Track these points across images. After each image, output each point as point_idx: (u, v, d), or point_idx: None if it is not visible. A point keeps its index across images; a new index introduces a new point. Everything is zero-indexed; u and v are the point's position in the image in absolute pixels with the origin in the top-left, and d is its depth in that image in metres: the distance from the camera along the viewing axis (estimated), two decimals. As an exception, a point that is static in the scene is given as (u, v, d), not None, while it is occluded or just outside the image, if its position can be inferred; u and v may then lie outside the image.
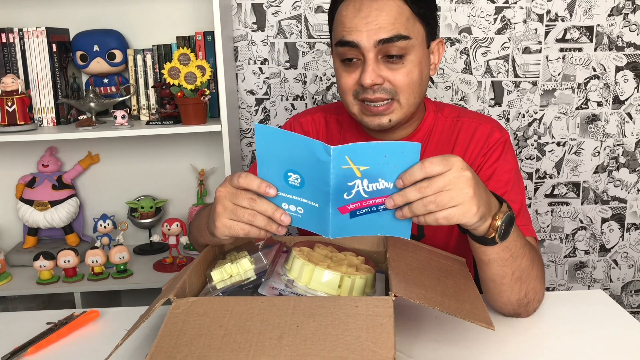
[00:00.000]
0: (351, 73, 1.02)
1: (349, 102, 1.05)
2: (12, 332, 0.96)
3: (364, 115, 1.04)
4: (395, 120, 1.03)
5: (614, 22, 2.00)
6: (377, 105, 1.01)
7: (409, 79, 1.00)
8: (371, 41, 0.97)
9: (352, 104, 1.05)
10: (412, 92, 1.02)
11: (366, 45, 0.98)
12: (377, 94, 1.00)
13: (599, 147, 2.11)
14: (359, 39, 0.98)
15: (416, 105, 1.05)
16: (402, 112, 1.03)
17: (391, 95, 1.01)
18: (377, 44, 0.97)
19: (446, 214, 0.74)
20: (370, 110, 1.02)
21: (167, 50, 1.86)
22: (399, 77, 1.00)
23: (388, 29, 0.97)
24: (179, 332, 0.70)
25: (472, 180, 0.75)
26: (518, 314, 0.96)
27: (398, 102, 1.02)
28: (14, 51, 1.78)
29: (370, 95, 1.00)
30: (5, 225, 2.02)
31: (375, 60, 0.99)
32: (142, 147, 2.00)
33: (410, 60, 1.00)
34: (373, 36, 0.97)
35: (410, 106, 1.03)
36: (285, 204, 0.78)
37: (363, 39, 0.98)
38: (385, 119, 1.03)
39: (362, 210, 0.76)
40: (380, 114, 1.02)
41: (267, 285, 0.84)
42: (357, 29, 0.98)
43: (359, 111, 1.05)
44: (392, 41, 0.97)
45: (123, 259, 1.74)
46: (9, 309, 1.88)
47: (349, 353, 0.65)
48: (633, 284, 2.24)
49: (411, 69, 1.00)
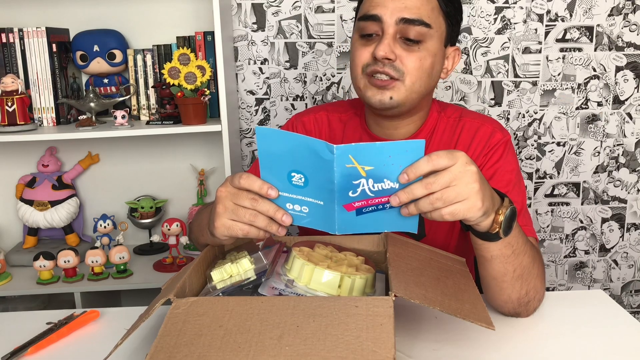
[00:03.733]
0: (367, 47, 1.03)
1: (357, 76, 1.06)
2: (12, 332, 0.96)
3: (367, 89, 1.04)
4: (397, 100, 1.03)
5: (614, 22, 2.00)
6: (382, 78, 1.02)
7: (420, 64, 1.01)
8: (394, 17, 1.00)
9: (359, 77, 1.05)
10: (419, 78, 1.02)
11: (388, 20, 1.00)
12: (386, 68, 1.01)
13: (599, 147, 2.11)
14: (382, 12, 1.01)
15: (420, 95, 1.05)
16: (405, 94, 1.02)
17: (398, 75, 1.01)
18: (398, 21, 1.00)
19: (451, 210, 0.74)
20: (374, 83, 1.03)
21: (167, 50, 1.86)
22: (411, 59, 1.01)
23: (412, 11, 1.00)
24: (179, 332, 0.70)
25: (477, 175, 0.75)
26: (518, 314, 0.96)
27: (403, 82, 1.02)
28: (14, 51, 1.78)
29: (379, 67, 1.01)
30: (5, 225, 2.02)
31: (393, 37, 1.01)
32: (142, 147, 2.00)
33: (426, 47, 1.02)
34: (397, 13, 1.00)
35: (413, 92, 1.03)
36: (290, 204, 0.78)
37: (387, 14, 1.00)
38: (387, 95, 1.02)
39: (369, 208, 0.76)
40: (383, 87, 1.02)
41: (267, 285, 0.84)
42: (384, 4, 1.01)
43: (364, 85, 1.05)
44: (413, 23, 0.99)
45: (123, 259, 1.74)
46: (9, 309, 1.88)
47: (349, 353, 0.65)
48: (633, 284, 2.24)
49: (425, 56, 1.02)
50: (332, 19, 1.96)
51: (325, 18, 1.96)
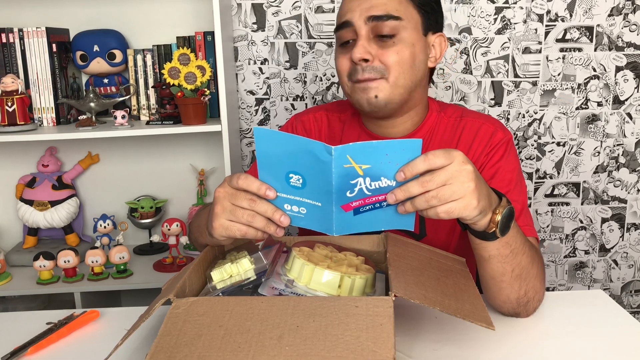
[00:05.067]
0: (346, 54, 1.06)
1: (344, 84, 1.08)
2: (12, 332, 0.96)
3: (354, 93, 1.06)
4: (382, 98, 1.03)
5: (614, 22, 2.00)
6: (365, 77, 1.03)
7: (399, 57, 1.02)
8: (362, 17, 1.02)
9: (347, 85, 1.07)
10: (402, 71, 1.03)
11: (358, 22, 1.02)
12: (366, 74, 1.02)
13: (599, 147, 2.11)
14: (352, 16, 1.03)
15: (407, 89, 1.05)
16: (390, 90, 1.03)
17: (381, 74, 1.02)
18: (367, 20, 1.02)
19: (447, 208, 0.74)
20: (359, 85, 1.04)
21: (167, 50, 1.86)
22: (388, 54, 1.02)
23: (379, 8, 1.02)
24: (179, 332, 0.70)
25: (473, 174, 0.75)
26: (518, 314, 0.96)
27: (386, 80, 1.03)
28: (14, 51, 1.78)
29: (360, 75, 1.03)
30: (5, 225, 2.02)
31: (366, 38, 1.03)
32: (142, 147, 2.00)
33: (401, 39, 1.03)
34: (365, 13, 1.02)
35: (399, 87, 1.03)
36: (288, 204, 0.78)
37: (355, 17, 1.03)
38: (372, 94, 1.03)
39: (366, 207, 0.76)
40: (367, 87, 1.03)
41: (267, 285, 0.84)
42: (352, 9, 1.04)
43: (351, 90, 1.06)
44: (382, 19, 1.01)
45: (123, 259, 1.74)
46: (9, 309, 1.88)
47: (349, 353, 0.65)
48: (633, 284, 2.24)
49: (402, 48, 1.02)
50: (332, 19, 1.96)
51: (325, 18, 1.96)
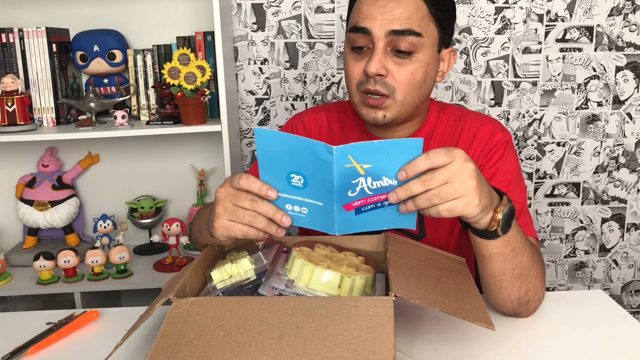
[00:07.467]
0: (359, 61, 1.03)
1: (352, 92, 1.06)
2: (12, 332, 0.96)
3: (362, 106, 1.05)
4: (390, 117, 1.03)
5: (614, 22, 2.00)
6: (374, 97, 1.02)
7: (412, 78, 1.01)
8: (383, 30, 0.98)
9: (354, 93, 1.05)
10: (410, 91, 1.02)
11: (377, 34, 0.99)
12: (377, 86, 1.01)
13: (599, 147, 2.11)
14: (372, 26, 0.99)
15: (414, 106, 1.05)
16: (397, 109, 1.03)
17: (389, 92, 1.01)
18: (388, 34, 0.98)
19: (449, 206, 0.75)
20: (368, 101, 1.03)
21: (167, 50, 1.86)
22: (402, 73, 1.00)
23: (402, 22, 0.98)
24: (179, 332, 0.70)
25: (475, 172, 0.75)
26: (518, 313, 0.96)
27: (394, 99, 1.02)
28: (14, 51, 1.78)
29: (371, 86, 1.01)
30: (5, 225, 2.02)
31: (383, 51, 1.00)
32: (142, 147, 1.99)
33: (418, 59, 1.01)
34: (386, 25, 0.98)
35: (406, 105, 1.03)
36: (289, 205, 0.78)
37: (376, 27, 0.99)
38: (380, 114, 1.03)
39: (367, 206, 0.76)
40: (376, 107, 1.03)
41: (267, 285, 0.84)
42: (372, 17, 0.99)
43: (359, 101, 1.05)
44: (403, 34, 0.98)
45: (123, 259, 1.74)
46: (9, 309, 1.88)
47: (349, 353, 0.65)
48: (633, 284, 2.24)
49: (417, 68, 1.01)
50: (332, 19, 1.96)
51: (325, 18, 1.96)
